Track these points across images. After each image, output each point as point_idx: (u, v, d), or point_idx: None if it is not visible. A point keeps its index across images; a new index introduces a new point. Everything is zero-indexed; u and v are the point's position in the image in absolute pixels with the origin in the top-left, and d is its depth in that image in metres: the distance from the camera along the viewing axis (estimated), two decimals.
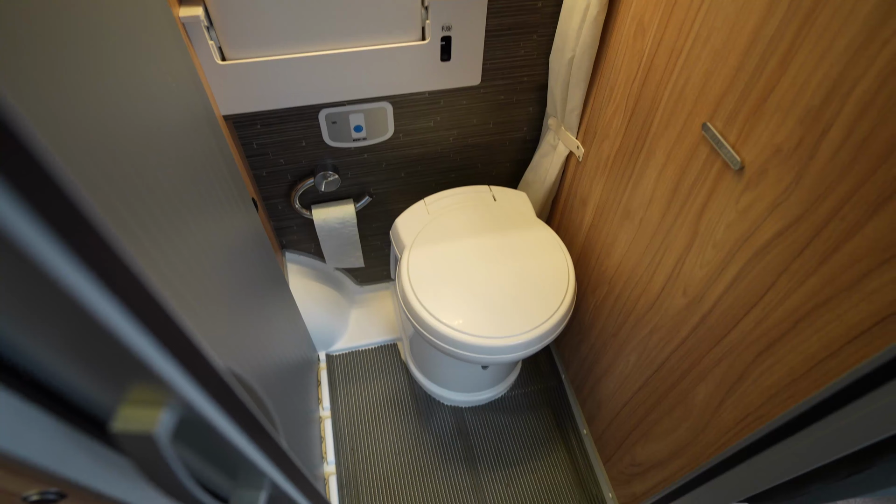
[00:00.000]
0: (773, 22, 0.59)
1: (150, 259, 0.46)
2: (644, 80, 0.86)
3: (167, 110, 0.65)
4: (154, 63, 0.65)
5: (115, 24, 0.54)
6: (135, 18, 0.61)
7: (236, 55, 0.90)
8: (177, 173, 0.64)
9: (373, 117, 1.11)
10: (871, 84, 0.49)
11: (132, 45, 0.58)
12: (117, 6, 0.56)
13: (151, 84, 0.62)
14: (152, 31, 0.66)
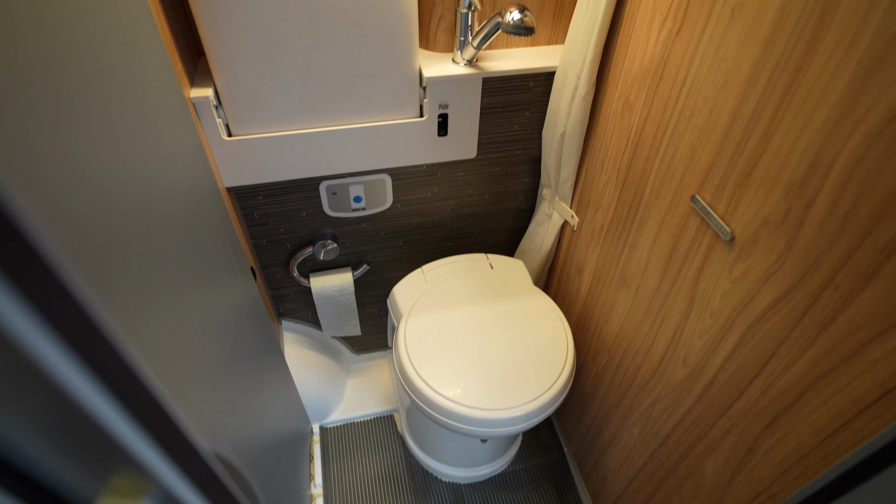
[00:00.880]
0: (750, 102, 0.62)
1: (142, 334, 0.46)
2: (633, 153, 0.89)
3: (172, 183, 0.67)
4: (162, 138, 0.67)
5: (128, 101, 0.57)
6: (148, 97, 0.64)
7: (242, 131, 0.94)
8: (177, 245, 0.65)
9: (372, 188, 1.14)
10: (849, 158, 0.51)
11: (143, 122, 0.61)
12: (132, 85, 0.59)
13: (158, 158, 0.64)
14: (163, 109, 0.70)
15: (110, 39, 0.54)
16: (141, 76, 0.63)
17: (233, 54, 0.83)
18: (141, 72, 0.63)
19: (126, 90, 0.57)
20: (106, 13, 0.54)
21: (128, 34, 0.60)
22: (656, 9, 0.77)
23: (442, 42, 1.00)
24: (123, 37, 0.58)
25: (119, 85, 0.55)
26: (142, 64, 0.63)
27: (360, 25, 0.84)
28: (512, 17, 0.82)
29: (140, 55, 0.63)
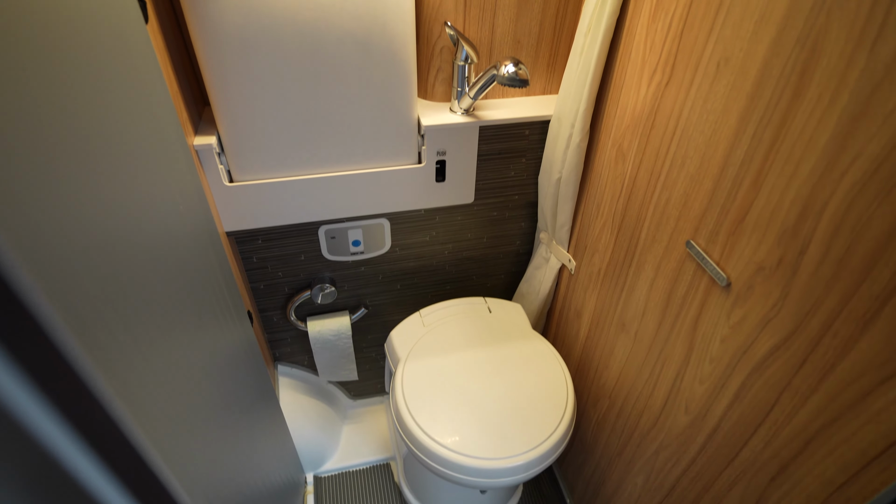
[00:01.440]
0: (739, 151, 0.64)
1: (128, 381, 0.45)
2: (628, 199, 0.91)
3: (172, 228, 0.68)
4: (165, 184, 0.68)
5: (133, 148, 0.58)
6: (153, 145, 0.66)
7: (243, 177, 0.96)
8: (174, 289, 0.65)
9: (371, 233, 1.15)
10: (838, 207, 0.52)
11: (147, 168, 0.62)
12: (138, 133, 0.60)
13: (160, 203, 0.65)
14: (167, 156, 0.71)
15: (119, 89, 0.56)
16: (147, 125, 0.64)
17: (236, 104, 0.86)
18: (147, 121, 0.65)
19: (132, 137, 0.58)
20: (116, 64, 0.57)
21: (136, 86, 0.62)
22: (645, 62, 0.80)
23: (440, 92, 1.03)
24: (132, 87, 0.61)
25: (125, 132, 0.56)
26: (148, 113, 0.65)
27: (361, 76, 0.88)
28: (507, 70, 0.86)
29: (147, 105, 0.65)
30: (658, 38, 0.76)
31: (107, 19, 0.56)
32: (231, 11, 0.76)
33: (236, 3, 0.76)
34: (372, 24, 0.82)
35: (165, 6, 0.84)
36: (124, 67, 0.59)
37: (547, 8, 0.96)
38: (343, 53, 0.84)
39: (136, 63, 0.63)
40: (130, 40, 0.62)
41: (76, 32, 0.48)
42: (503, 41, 0.99)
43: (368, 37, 0.83)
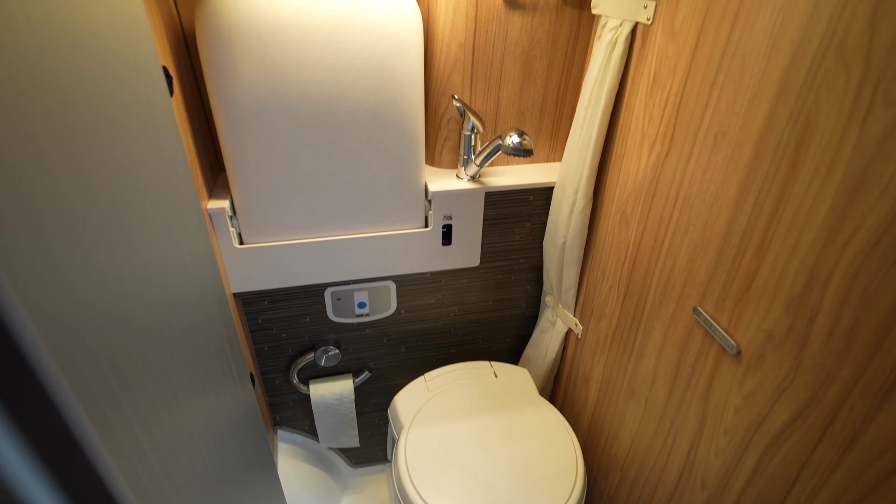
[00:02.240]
0: (741, 220, 0.65)
1: (124, 448, 0.44)
2: (633, 264, 0.91)
3: (181, 290, 0.69)
4: (177, 246, 0.70)
5: (149, 211, 0.60)
6: (168, 208, 0.68)
7: (253, 240, 0.98)
8: (178, 351, 0.65)
9: (376, 295, 1.15)
10: (843, 277, 0.52)
11: (160, 232, 0.63)
12: (155, 197, 0.63)
13: (169, 265, 0.66)
14: (181, 219, 0.73)
15: (140, 158, 0.59)
16: (165, 191, 0.67)
17: (251, 170, 0.89)
18: (165, 187, 0.67)
19: (150, 203, 0.60)
20: (139, 134, 0.60)
21: (157, 154, 0.65)
22: (645, 134, 0.83)
23: (447, 160, 1.07)
24: (152, 156, 0.63)
25: (144, 198, 0.58)
26: (166, 180, 0.68)
27: (371, 145, 0.91)
28: (511, 140, 0.89)
29: (165, 172, 0.68)
30: (656, 111, 0.80)
31: (134, 93, 0.60)
32: (250, 86, 0.81)
33: (255, 79, 0.81)
34: (383, 97, 0.87)
35: (190, 80, 0.89)
36: (147, 137, 0.62)
37: (549, 82, 1.01)
38: (355, 124, 0.88)
39: (159, 133, 0.66)
40: (155, 112, 0.66)
41: (105, 104, 0.51)
42: (508, 113, 1.03)
43: (379, 109, 0.88)
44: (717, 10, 0.65)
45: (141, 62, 0.63)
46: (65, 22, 0.45)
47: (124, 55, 0.58)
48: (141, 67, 0.63)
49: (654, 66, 0.79)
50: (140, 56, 0.63)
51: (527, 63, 0.98)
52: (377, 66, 0.84)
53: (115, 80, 0.54)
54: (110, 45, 0.54)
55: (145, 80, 0.64)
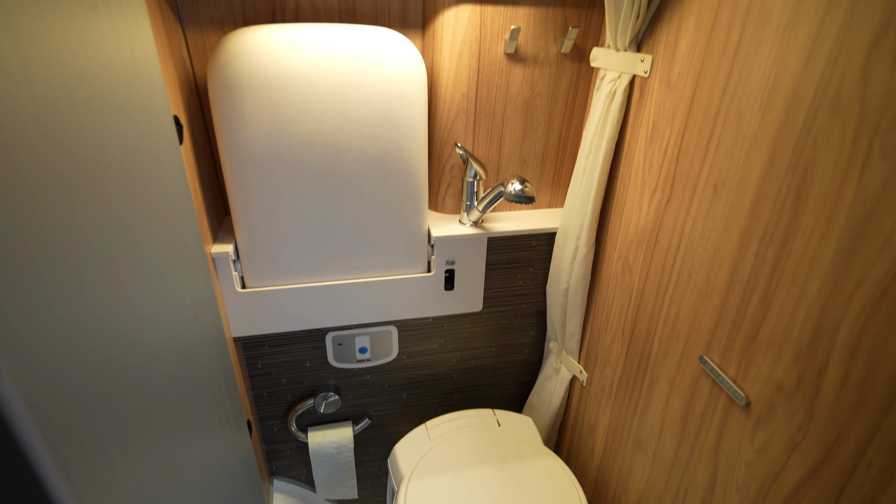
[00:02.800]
0: (744, 268, 0.65)
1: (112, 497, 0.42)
2: (637, 311, 0.90)
3: (181, 335, 0.68)
4: (179, 291, 0.70)
5: (154, 256, 0.60)
6: (172, 254, 0.68)
7: (256, 284, 0.98)
8: (175, 397, 0.63)
9: (378, 340, 1.14)
10: (851, 329, 0.51)
11: (164, 278, 0.64)
12: (160, 244, 0.63)
13: (170, 311, 0.66)
14: (185, 264, 0.74)
15: (148, 204, 0.60)
16: (170, 236, 0.67)
17: (255, 215, 0.90)
18: (171, 232, 0.68)
19: (156, 250, 0.61)
20: (148, 180, 0.61)
21: (164, 201, 0.66)
22: (645, 182, 0.84)
23: (450, 205, 1.08)
24: (160, 203, 0.64)
25: (150, 245, 0.59)
26: (172, 226, 0.69)
27: (375, 191, 0.92)
28: (513, 187, 0.90)
29: (172, 218, 0.69)
30: (656, 160, 0.81)
31: (145, 141, 0.61)
32: (258, 135, 0.83)
33: (263, 128, 0.83)
34: (388, 146, 0.89)
35: (200, 128, 0.92)
36: (155, 184, 0.63)
37: (550, 131, 1.04)
38: (359, 171, 0.90)
39: (167, 180, 0.68)
40: (164, 160, 0.67)
41: (115, 152, 0.52)
42: (510, 160, 1.05)
43: (384, 157, 0.90)
44: (712, 65, 0.67)
45: (153, 112, 0.65)
46: (83, 72, 0.46)
47: (137, 105, 0.60)
48: (153, 117, 0.65)
49: (653, 117, 0.81)
50: (153, 106, 0.65)
51: (528, 112, 1.01)
52: (382, 116, 0.86)
53: (127, 129, 0.56)
54: (125, 96, 0.56)
55: (156, 129, 0.66)
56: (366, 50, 0.82)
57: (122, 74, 0.56)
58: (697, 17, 0.69)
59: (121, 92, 0.55)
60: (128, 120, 0.56)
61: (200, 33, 0.87)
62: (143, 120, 0.61)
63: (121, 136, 0.54)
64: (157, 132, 0.66)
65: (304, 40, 0.81)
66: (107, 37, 0.53)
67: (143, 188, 0.59)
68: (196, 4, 0.84)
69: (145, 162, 0.60)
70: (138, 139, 0.59)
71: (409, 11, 0.93)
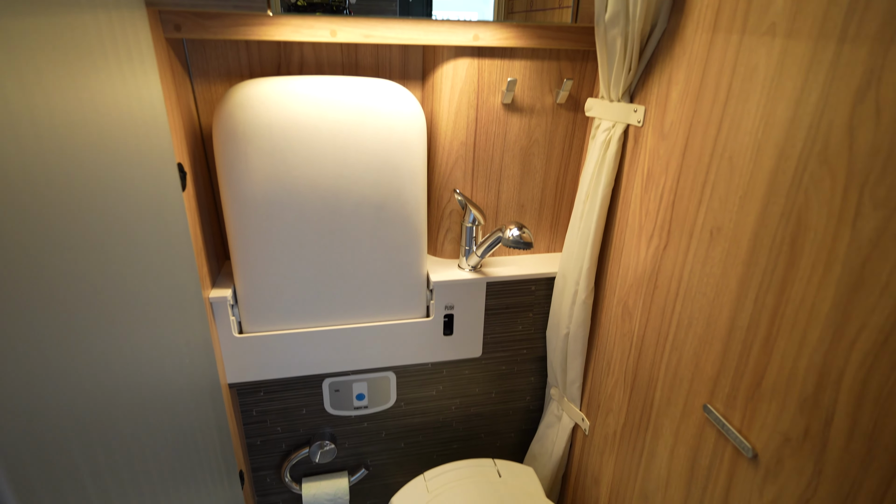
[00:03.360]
0: (744, 315, 0.64)
1: None
2: (638, 357, 0.89)
3: (174, 382, 0.67)
4: (174, 337, 0.69)
5: (150, 306, 0.60)
6: (169, 300, 0.68)
7: (253, 329, 0.97)
8: (164, 448, 0.62)
9: (375, 386, 1.12)
10: (855, 378, 0.51)
11: (160, 323, 0.63)
12: (157, 290, 0.63)
13: (164, 357, 0.65)
14: (182, 310, 0.73)
15: (148, 251, 0.60)
16: (168, 282, 0.67)
17: (255, 259, 0.90)
18: (169, 278, 0.68)
19: (153, 295, 0.61)
20: (149, 227, 0.61)
21: (164, 247, 0.66)
22: (642, 227, 0.85)
23: (449, 250, 1.09)
24: (160, 249, 0.65)
25: (147, 291, 0.59)
26: (171, 272, 0.69)
27: (374, 236, 0.93)
28: (511, 233, 0.91)
29: (171, 264, 0.69)
30: (652, 206, 0.82)
31: (149, 187, 0.62)
32: (260, 181, 0.85)
33: (265, 175, 0.84)
34: (387, 192, 0.90)
35: (203, 174, 0.94)
36: (157, 230, 0.64)
37: (548, 177, 1.06)
38: (359, 216, 0.91)
39: (168, 226, 0.68)
40: (166, 206, 0.68)
41: (120, 199, 0.53)
42: (508, 205, 1.06)
43: (384, 202, 0.91)
44: (703, 115, 0.69)
45: (157, 160, 0.67)
46: (90, 122, 0.48)
47: (142, 153, 0.61)
48: (157, 164, 0.66)
49: (648, 164, 0.82)
50: (157, 154, 0.67)
51: (525, 160, 1.03)
52: (383, 163, 0.88)
53: (131, 176, 0.57)
54: (131, 145, 0.58)
55: (160, 176, 0.68)
56: (367, 100, 0.85)
57: (129, 124, 0.58)
58: (686, 70, 0.72)
59: (127, 141, 0.56)
60: (132, 167, 0.57)
61: (208, 84, 0.90)
62: (148, 167, 0.62)
63: (124, 182, 0.55)
64: (160, 179, 0.67)
65: (308, 91, 0.83)
66: (116, 88, 0.55)
67: (143, 234, 0.59)
68: (205, 58, 0.88)
69: (147, 208, 0.61)
70: (141, 186, 0.60)
71: (409, 64, 0.97)
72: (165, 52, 0.77)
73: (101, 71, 0.51)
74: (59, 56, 0.43)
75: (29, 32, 0.38)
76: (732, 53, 0.63)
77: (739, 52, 0.62)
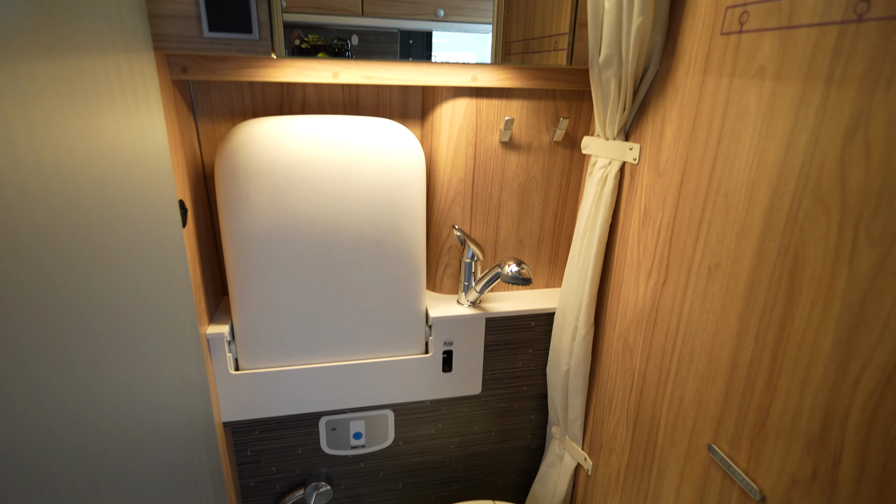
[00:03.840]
0: (745, 352, 0.64)
1: None
2: (640, 395, 0.88)
3: (166, 422, 0.66)
4: (169, 375, 0.68)
5: (146, 338, 0.59)
6: (166, 337, 0.67)
7: (250, 366, 0.96)
8: (154, 492, 0.60)
9: (373, 424, 1.10)
10: (861, 417, 0.50)
11: (154, 361, 0.62)
12: (153, 327, 0.62)
13: (160, 395, 0.64)
14: (178, 347, 0.72)
15: (145, 289, 0.60)
16: (165, 319, 0.67)
17: (253, 295, 0.90)
18: (166, 315, 0.67)
19: (149, 333, 0.60)
20: (148, 263, 0.61)
21: (162, 285, 0.66)
22: (640, 263, 0.85)
23: (448, 286, 1.09)
24: (158, 286, 0.65)
25: (141, 323, 0.58)
26: (169, 309, 0.68)
27: (374, 272, 0.93)
28: (510, 269, 0.91)
29: (169, 301, 0.69)
30: (650, 242, 0.82)
31: (149, 224, 0.63)
32: (260, 217, 0.85)
33: (266, 211, 0.85)
34: (387, 228, 0.91)
35: (204, 210, 0.94)
36: (155, 266, 0.64)
37: (546, 213, 1.06)
38: (358, 252, 0.91)
39: (167, 262, 0.68)
40: (166, 242, 0.69)
41: (120, 235, 0.53)
42: (507, 241, 1.07)
43: (383, 238, 0.91)
44: (697, 154, 0.70)
45: (159, 197, 0.68)
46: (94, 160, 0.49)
47: (145, 191, 0.62)
48: (158, 201, 0.67)
49: (644, 201, 0.83)
50: (159, 191, 0.68)
51: (524, 196, 1.04)
52: (382, 199, 0.89)
53: (132, 212, 0.57)
54: (133, 182, 0.58)
55: (161, 213, 0.68)
56: (367, 139, 0.87)
57: (132, 163, 0.58)
58: (680, 110, 0.73)
59: (129, 179, 0.57)
60: (133, 205, 0.58)
61: (212, 123, 0.92)
62: (149, 205, 0.63)
63: (125, 220, 0.55)
64: (161, 216, 0.67)
65: (309, 130, 0.85)
66: (122, 128, 0.56)
67: (142, 270, 0.59)
68: (209, 98, 0.90)
69: (147, 246, 0.61)
70: (142, 223, 0.60)
71: (409, 103, 0.99)
72: (171, 93, 0.79)
73: (107, 112, 0.52)
74: (66, 100, 0.44)
75: (38, 77, 0.39)
76: (723, 95, 0.65)
77: (730, 94, 0.64)
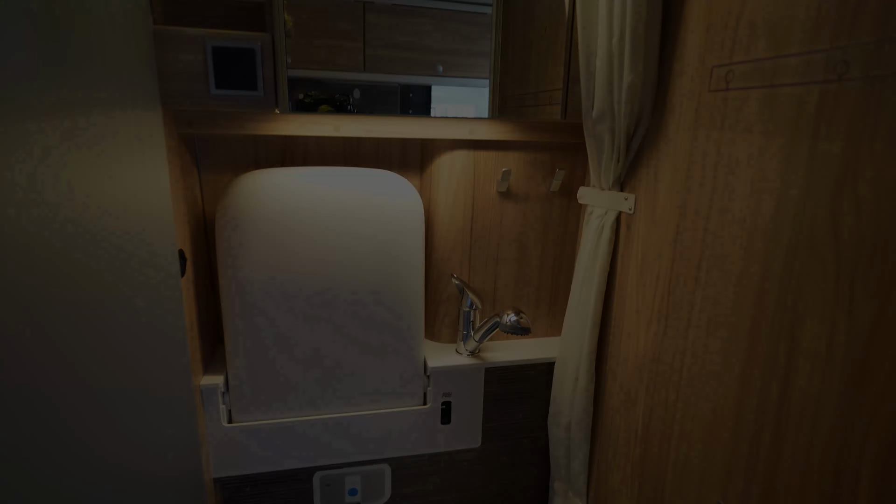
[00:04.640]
0: (750, 403, 0.62)
1: None
2: (644, 449, 0.85)
3: (151, 482, 0.63)
4: (159, 432, 0.66)
5: (137, 396, 0.58)
6: (157, 392, 0.66)
7: (244, 418, 0.93)
8: None
9: (370, 480, 1.06)
10: (873, 471, 0.48)
11: (143, 411, 0.61)
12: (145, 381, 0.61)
13: (149, 453, 0.62)
14: (169, 403, 0.71)
15: (139, 336, 0.59)
16: (158, 374, 0.66)
17: (250, 345, 0.89)
18: (159, 370, 0.66)
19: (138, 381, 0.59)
20: (145, 315, 0.61)
21: (158, 337, 0.66)
22: (640, 313, 0.85)
23: (446, 335, 1.08)
24: (153, 338, 0.64)
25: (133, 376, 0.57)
26: (163, 363, 0.67)
27: (371, 322, 0.93)
28: (509, 318, 0.91)
29: (163, 354, 0.68)
30: (648, 292, 0.82)
31: (148, 274, 0.63)
32: (260, 267, 0.85)
33: (265, 261, 0.85)
34: (385, 278, 0.91)
35: (204, 260, 0.95)
36: (150, 318, 0.63)
37: (544, 261, 1.07)
38: (356, 301, 0.91)
39: (163, 313, 0.68)
40: (163, 292, 0.68)
41: (118, 283, 0.53)
42: (505, 290, 1.07)
43: (381, 288, 0.91)
44: (691, 205, 0.72)
45: (159, 247, 0.68)
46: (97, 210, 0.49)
47: (145, 241, 0.62)
48: (157, 252, 0.67)
49: (641, 250, 0.84)
50: (158, 241, 0.68)
51: (522, 245, 1.05)
52: (381, 249, 0.89)
53: (132, 262, 0.57)
54: (134, 233, 0.59)
55: (160, 263, 0.68)
56: (366, 190, 0.88)
57: (134, 213, 0.59)
58: (672, 162, 0.75)
59: (130, 230, 0.58)
60: (132, 256, 0.58)
61: (215, 174, 0.94)
62: (148, 255, 0.63)
63: (124, 269, 0.55)
64: (160, 266, 0.68)
65: (309, 181, 0.87)
66: (126, 181, 0.57)
67: (137, 321, 0.59)
68: (214, 150, 0.92)
69: (144, 296, 0.61)
70: (139, 273, 0.60)
71: (408, 155, 1.02)
72: (176, 146, 0.81)
73: (112, 165, 0.54)
74: (73, 155, 0.45)
75: (46, 132, 0.40)
76: (714, 148, 0.67)
77: (720, 147, 0.66)
